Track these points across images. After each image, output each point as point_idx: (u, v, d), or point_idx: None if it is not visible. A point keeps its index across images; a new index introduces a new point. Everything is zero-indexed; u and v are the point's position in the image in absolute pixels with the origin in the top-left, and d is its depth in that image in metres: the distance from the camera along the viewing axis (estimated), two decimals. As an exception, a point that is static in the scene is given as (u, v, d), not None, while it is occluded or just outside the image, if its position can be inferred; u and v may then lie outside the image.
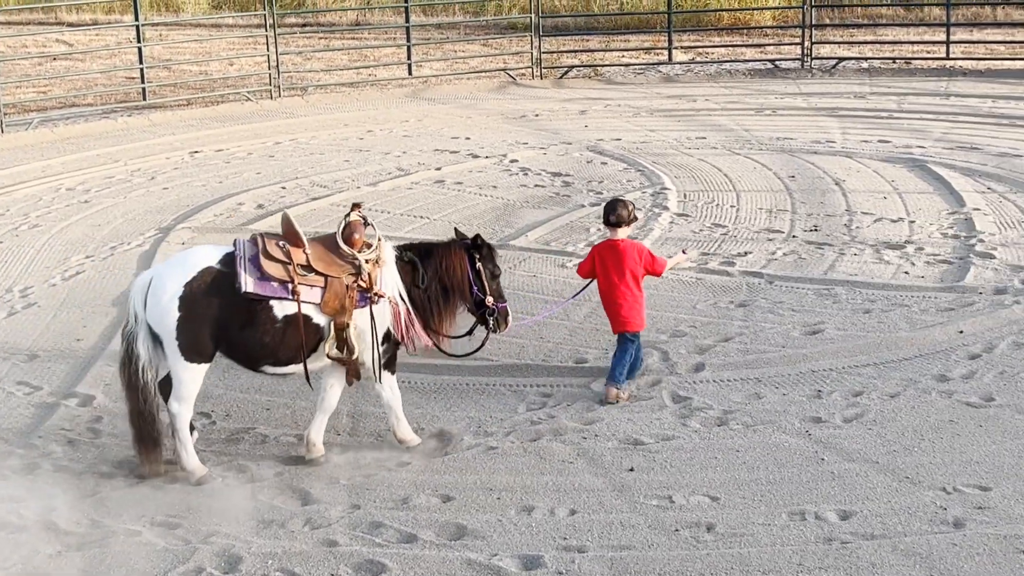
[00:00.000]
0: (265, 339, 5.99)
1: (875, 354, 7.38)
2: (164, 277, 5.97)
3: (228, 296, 5.91)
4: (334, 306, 6.05)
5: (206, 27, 27.98)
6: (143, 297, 5.96)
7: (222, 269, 5.97)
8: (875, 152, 12.90)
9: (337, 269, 6.08)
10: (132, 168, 13.62)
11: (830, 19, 23.21)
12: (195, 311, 5.88)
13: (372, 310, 6.12)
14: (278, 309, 5.99)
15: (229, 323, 5.94)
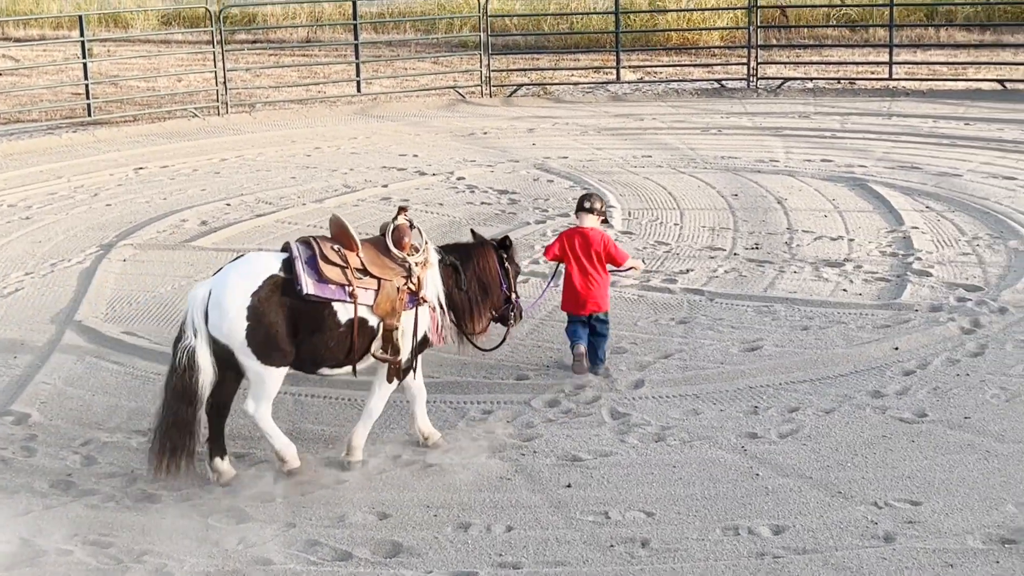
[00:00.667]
0: (329, 342, 6.14)
1: (811, 370, 7.47)
2: (228, 289, 6.02)
3: (294, 301, 6.03)
4: (386, 308, 6.21)
5: (155, 43, 27.83)
6: (203, 310, 6.01)
7: (285, 276, 6.07)
8: (817, 171, 13.06)
9: (389, 272, 6.26)
10: (75, 184, 13.50)
11: (776, 40, 23.49)
12: (265, 319, 5.98)
13: (417, 312, 6.31)
14: (340, 312, 6.13)
15: (297, 327, 6.06)
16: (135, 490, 6.13)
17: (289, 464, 6.23)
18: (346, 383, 7.42)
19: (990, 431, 6.53)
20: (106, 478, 6.28)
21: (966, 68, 20.41)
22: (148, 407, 7.14)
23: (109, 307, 9.10)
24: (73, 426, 6.95)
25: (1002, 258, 9.66)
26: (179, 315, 8.76)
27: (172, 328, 8.50)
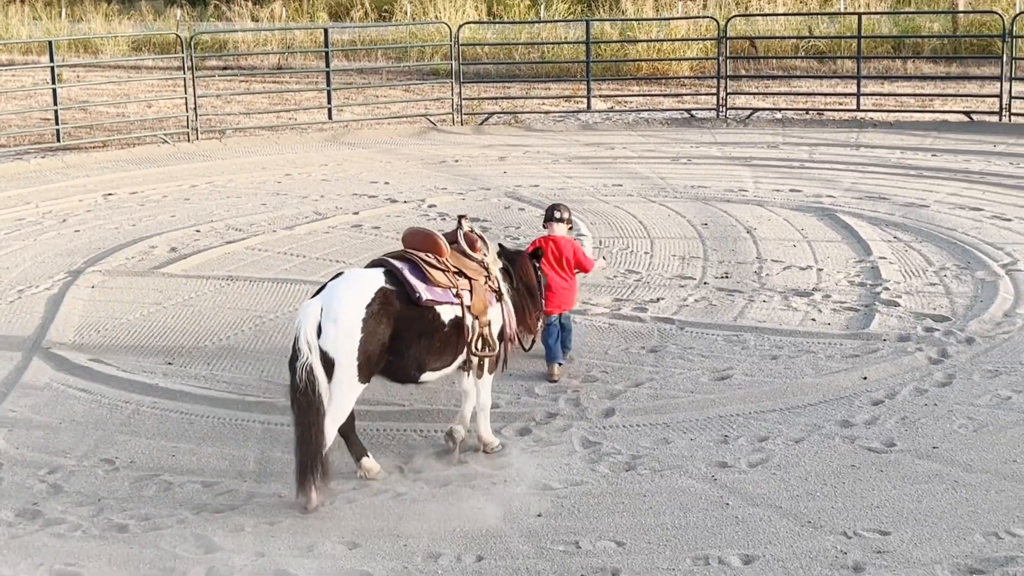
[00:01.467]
0: (437, 344, 6.43)
1: (781, 400, 7.50)
2: (343, 302, 6.16)
3: (405, 309, 6.28)
4: (480, 307, 6.61)
5: (125, 69, 27.76)
6: (316, 325, 6.09)
7: (393, 287, 6.31)
8: (786, 201, 13.15)
9: (475, 273, 6.67)
10: (44, 210, 13.42)
11: (745, 71, 23.70)
12: (375, 332, 6.17)
13: (501, 308, 6.78)
14: (445, 314, 6.45)
15: (405, 335, 6.28)
16: (102, 519, 6.07)
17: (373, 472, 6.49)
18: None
19: (958, 461, 6.57)
20: (73, 507, 6.22)
21: (933, 100, 20.66)
22: (115, 436, 7.10)
23: (77, 334, 9.03)
24: (40, 454, 6.88)
25: (969, 288, 9.76)
26: (147, 343, 8.75)
27: (141, 357, 8.48)
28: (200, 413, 7.46)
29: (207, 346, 8.72)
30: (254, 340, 8.84)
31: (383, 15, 35.04)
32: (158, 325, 9.23)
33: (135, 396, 7.74)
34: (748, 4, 29.53)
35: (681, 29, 25.54)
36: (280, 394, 7.68)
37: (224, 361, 8.41)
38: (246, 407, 7.54)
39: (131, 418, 7.39)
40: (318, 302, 6.21)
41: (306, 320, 6.12)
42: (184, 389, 7.83)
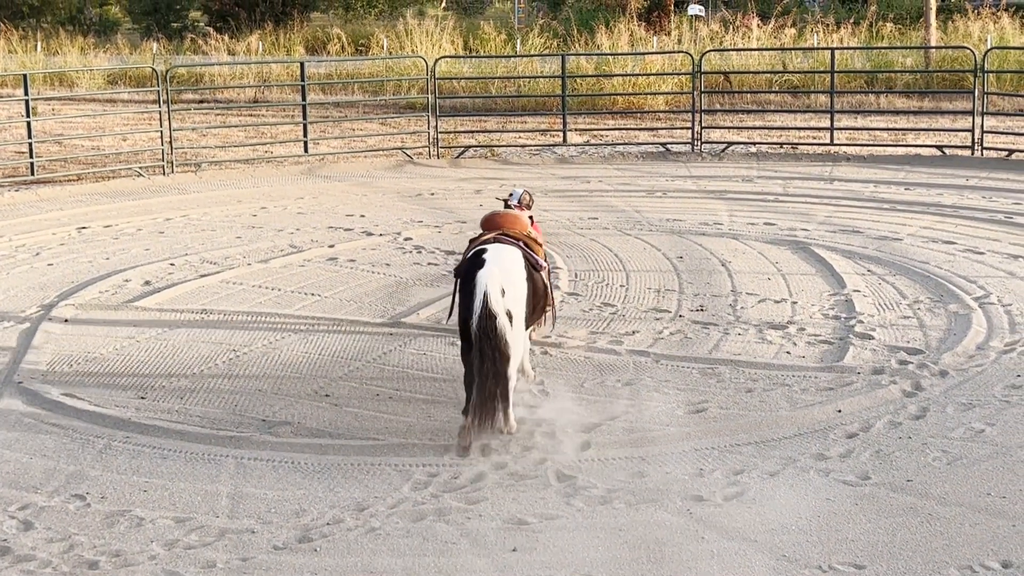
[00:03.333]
0: (537, 302, 7.78)
1: (756, 433, 7.51)
2: (511, 270, 7.39)
3: (532, 274, 7.66)
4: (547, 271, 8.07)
5: (100, 102, 27.71)
6: (499, 288, 7.17)
7: (525, 258, 7.64)
8: (761, 234, 13.22)
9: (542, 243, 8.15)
10: (16, 243, 13.34)
11: (720, 105, 23.87)
12: (528, 292, 7.53)
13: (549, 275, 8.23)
14: (543, 278, 7.90)
15: (532, 295, 7.62)
16: (72, 556, 6.00)
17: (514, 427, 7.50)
18: (289, 446, 7.36)
19: (932, 494, 6.59)
20: (44, 543, 6.15)
21: (906, 134, 20.85)
22: (87, 471, 7.03)
23: (49, 368, 8.96)
24: (10, 490, 6.81)
25: (942, 321, 9.81)
26: (120, 377, 8.69)
27: (114, 391, 8.41)
28: (173, 448, 7.41)
29: (180, 380, 8.66)
30: (228, 374, 8.79)
31: (359, 49, 35.16)
32: (131, 359, 9.17)
33: (107, 430, 7.68)
34: (722, 39, 29.80)
35: (656, 64, 25.73)
36: (254, 429, 7.64)
37: (197, 395, 8.36)
38: (219, 442, 7.49)
39: (103, 453, 7.32)
40: (493, 270, 7.23)
41: (492, 286, 7.15)
42: (157, 423, 7.77)
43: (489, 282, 7.14)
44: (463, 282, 7.35)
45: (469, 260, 7.49)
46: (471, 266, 7.37)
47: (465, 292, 7.27)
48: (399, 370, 8.84)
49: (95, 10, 55.06)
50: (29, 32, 42.87)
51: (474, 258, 7.44)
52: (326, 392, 8.39)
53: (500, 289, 7.14)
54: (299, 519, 6.43)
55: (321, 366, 8.96)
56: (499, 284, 7.15)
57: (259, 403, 8.18)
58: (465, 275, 7.37)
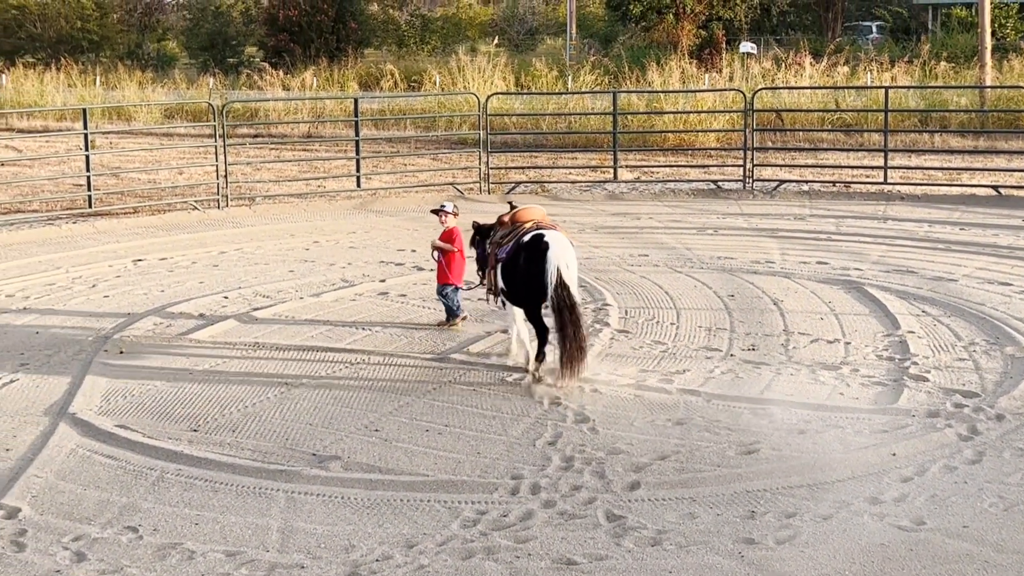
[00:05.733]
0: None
1: (809, 475, 7.42)
2: (572, 252, 9.10)
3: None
4: None
5: (157, 136, 28.16)
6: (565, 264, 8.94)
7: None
8: (813, 273, 13.13)
9: None
10: (74, 275, 13.55)
11: (772, 142, 23.80)
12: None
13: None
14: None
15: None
16: (124, 588, 6.04)
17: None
18: (339, 480, 7.38)
19: (988, 540, 6.47)
20: (96, 575, 6.20)
21: (960, 174, 20.66)
22: (140, 502, 7.09)
23: (103, 400, 9.06)
24: (64, 521, 6.88)
25: (998, 364, 9.67)
26: (174, 409, 8.77)
27: (167, 423, 8.48)
28: (224, 481, 7.45)
29: (232, 413, 8.73)
30: (279, 407, 8.84)
31: (412, 85, 35.49)
32: (184, 391, 9.25)
33: (160, 463, 7.75)
34: (774, 76, 29.75)
35: (708, 101, 25.75)
36: (304, 463, 7.67)
37: (249, 428, 8.41)
38: (270, 475, 7.52)
39: (156, 485, 7.38)
40: (563, 246, 9.02)
41: (568, 258, 8.97)
42: (209, 456, 7.83)
43: (560, 260, 8.91)
44: (532, 261, 9.05)
45: (531, 242, 9.16)
46: (536, 247, 9.05)
47: (535, 268, 8.99)
48: (449, 406, 8.85)
49: (153, 45, 56.05)
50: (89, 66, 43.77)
51: (536, 241, 9.11)
52: (376, 427, 8.41)
53: (566, 264, 8.92)
54: (348, 555, 6.43)
55: (371, 400, 8.99)
56: (565, 261, 8.94)
57: (310, 437, 8.21)
58: (533, 254, 9.06)
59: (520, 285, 9.34)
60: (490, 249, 9.85)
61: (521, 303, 9.52)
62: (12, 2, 53.62)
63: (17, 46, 52.14)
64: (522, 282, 9.29)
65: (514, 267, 9.36)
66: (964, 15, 45.87)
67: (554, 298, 8.88)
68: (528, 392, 9.06)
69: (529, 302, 9.34)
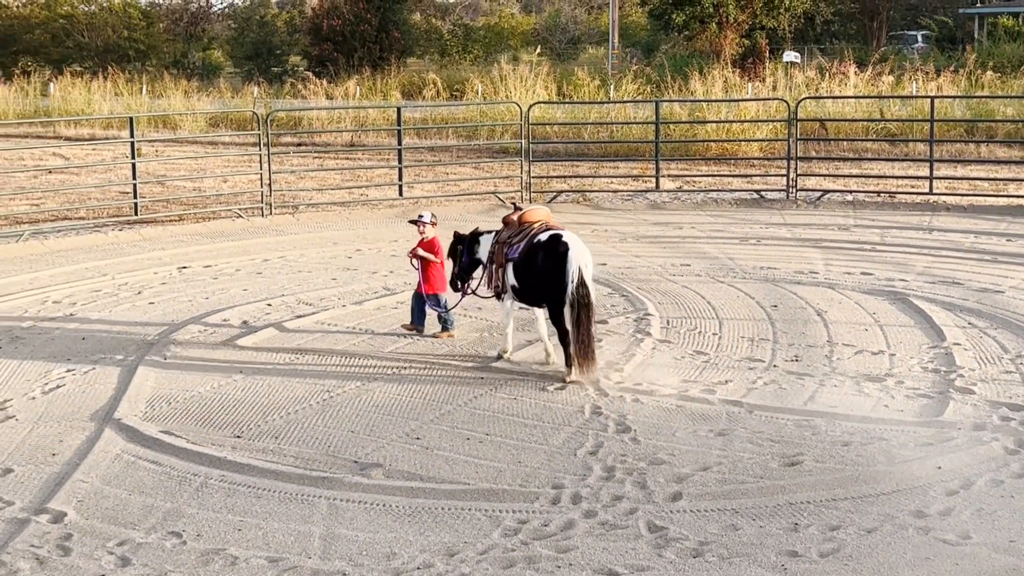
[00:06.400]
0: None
1: (853, 488, 7.36)
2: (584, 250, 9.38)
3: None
4: None
5: (202, 144, 28.41)
6: (585, 265, 9.26)
7: None
8: (857, 284, 13.03)
9: None
10: (120, 282, 13.69)
11: (816, 152, 23.65)
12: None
13: None
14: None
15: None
16: (167, 593, 6.09)
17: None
18: (381, 488, 7.40)
19: (1037, 555, 6.38)
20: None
21: (1007, 184, 20.44)
22: (184, 508, 7.14)
23: (148, 406, 9.15)
24: (109, 525, 6.94)
25: (1046, 376, 9.55)
26: (217, 416, 8.84)
27: (210, 429, 8.55)
28: (267, 487, 7.49)
29: (275, 420, 8.78)
30: (321, 415, 8.89)
31: (454, 94, 35.61)
32: (228, 398, 9.32)
33: (204, 468, 7.80)
34: (818, 86, 29.58)
35: (751, 110, 25.62)
36: (346, 470, 7.70)
37: (292, 435, 8.45)
38: (312, 482, 7.56)
39: (199, 491, 7.44)
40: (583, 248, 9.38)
41: (581, 264, 9.23)
42: (252, 463, 7.88)
43: (581, 261, 9.23)
44: (552, 260, 9.36)
45: (550, 242, 9.49)
46: (556, 246, 9.40)
47: (556, 267, 9.29)
48: (490, 414, 8.86)
49: (198, 54, 56.60)
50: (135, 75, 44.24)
51: (555, 241, 9.45)
52: (417, 435, 8.43)
53: (585, 264, 9.23)
54: (390, 562, 6.45)
55: (412, 408, 9.02)
56: (584, 261, 9.25)
57: (351, 444, 8.25)
58: (553, 253, 9.38)
59: (537, 283, 9.60)
60: (495, 249, 10.10)
61: (534, 301, 9.86)
62: (60, 11, 54.38)
63: (65, 55, 52.89)
64: (540, 280, 9.54)
65: (530, 266, 9.64)
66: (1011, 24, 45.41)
67: (574, 296, 9.20)
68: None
69: (546, 300, 9.61)
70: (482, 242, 10.54)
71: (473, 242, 10.61)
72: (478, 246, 10.55)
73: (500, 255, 10.05)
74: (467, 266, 10.66)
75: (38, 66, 50.68)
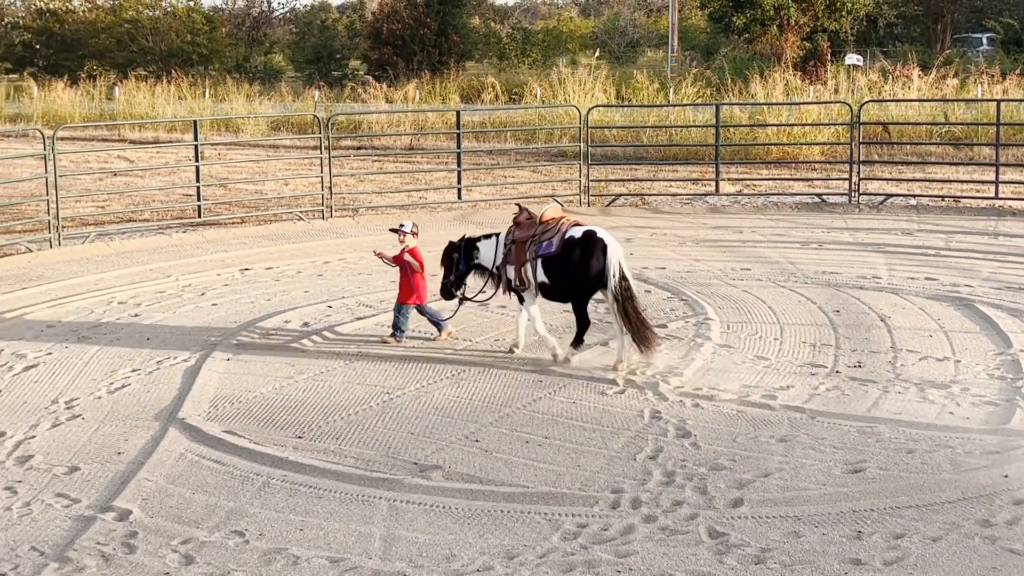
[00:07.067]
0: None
1: (918, 496, 7.26)
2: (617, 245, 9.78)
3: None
4: None
5: (264, 147, 28.69)
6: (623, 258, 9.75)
7: None
8: (921, 289, 12.86)
9: None
10: (183, 283, 13.86)
11: (879, 155, 23.38)
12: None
13: None
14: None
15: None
16: (230, 591, 6.15)
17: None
18: (440, 490, 7.42)
19: (1107, 567, 6.26)
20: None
21: (1075, 188, 20.06)
22: (246, 507, 7.21)
23: (211, 406, 9.25)
24: (173, 524, 7.03)
25: (1117, 385, 9.35)
26: (279, 416, 8.92)
27: (272, 430, 8.62)
28: (328, 488, 7.55)
29: (336, 421, 8.84)
30: (381, 416, 8.93)
31: (513, 98, 35.66)
32: (289, 399, 9.40)
33: (266, 468, 7.87)
34: (881, 89, 29.26)
35: (812, 113, 25.40)
36: (406, 472, 7.73)
37: (352, 436, 8.51)
38: (372, 483, 7.60)
39: (261, 490, 7.50)
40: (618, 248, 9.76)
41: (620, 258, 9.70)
42: (313, 463, 7.94)
43: (620, 256, 9.71)
44: (592, 254, 9.68)
45: (586, 237, 9.79)
46: (594, 242, 9.72)
47: (597, 262, 9.66)
48: (548, 417, 8.85)
49: (260, 58, 57.19)
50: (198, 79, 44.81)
51: (592, 236, 9.78)
52: (476, 437, 8.45)
53: (622, 258, 9.72)
54: (449, 564, 6.47)
55: (472, 411, 9.04)
56: (620, 256, 9.71)
57: (411, 446, 8.28)
58: (591, 248, 9.71)
59: (576, 277, 9.88)
60: (512, 248, 10.25)
61: (564, 296, 10.13)
62: (126, 16, 55.21)
63: (130, 59, 53.67)
64: (578, 274, 9.84)
65: (568, 261, 9.88)
66: (1079, 25, 44.59)
67: (617, 289, 9.62)
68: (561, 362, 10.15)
69: (578, 295, 9.97)
70: (482, 247, 10.61)
71: (470, 248, 10.65)
72: (477, 252, 10.62)
73: (521, 253, 10.13)
74: (463, 273, 10.73)
75: (103, 70, 51.50)
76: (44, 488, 7.59)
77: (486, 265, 10.57)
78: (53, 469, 7.93)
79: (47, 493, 7.51)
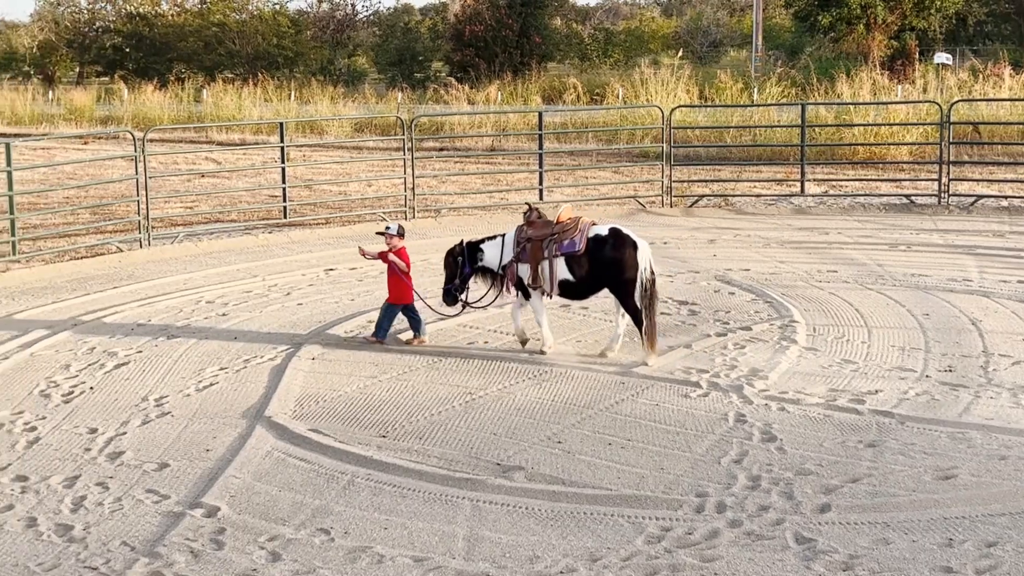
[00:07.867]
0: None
1: (1011, 503, 7.09)
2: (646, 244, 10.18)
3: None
4: None
5: (348, 149, 28.97)
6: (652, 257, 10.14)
7: None
8: (1014, 292, 12.57)
9: None
10: (269, 283, 14.04)
11: (969, 156, 22.91)
12: None
13: None
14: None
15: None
16: (316, 588, 6.20)
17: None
18: (523, 491, 7.42)
19: None
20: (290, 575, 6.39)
21: None
22: (332, 505, 7.28)
23: (297, 404, 9.35)
24: (260, 521, 7.12)
25: None
26: (363, 415, 9.00)
27: (357, 429, 8.70)
28: (412, 487, 7.59)
29: (419, 421, 8.89)
30: (464, 416, 8.96)
31: (595, 99, 35.58)
32: (373, 398, 9.48)
33: (351, 467, 7.94)
34: (971, 88, 28.69)
35: (900, 113, 24.98)
36: (489, 472, 7.75)
37: (435, 436, 8.54)
38: (456, 483, 7.62)
39: (347, 489, 7.57)
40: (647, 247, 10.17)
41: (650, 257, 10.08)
42: (397, 462, 7.99)
43: (649, 255, 10.11)
44: (623, 250, 10.04)
45: (613, 235, 10.15)
46: (622, 240, 10.09)
47: (628, 256, 10.01)
48: (631, 419, 8.81)
49: (344, 61, 57.81)
50: (284, 82, 45.40)
51: (619, 234, 10.16)
52: (559, 438, 8.43)
53: (651, 255, 10.13)
54: (533, 565, 6.46)
55: (554, 412, 9.02)
56: (648, 253, 10.11)
57: (494, 446, 8.29)
58: (620, 246, 10.05)
59: (606, 274, 10.16)
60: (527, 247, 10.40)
61: (583, 294, 10.46)
62: (213, 20, 56.16)
63: (217, 62, 54.59)
64: (609, 271, 10.13)
65: (597, 258, 10.16)
66: None
67: (646, 285, 9.99)
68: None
69: (623, 289, 10.13)
70: (486, 249, 10.73)
71: (474, 251, 10.77)
72: (481, 254, 10.73)
73: (538, 252, 10.31)
74: (467, 276, 10.83)
75: (191, 73, 52.44)
76: (135, 484, 7.74)
77: (491, 267, 10.70)
78: (143, 465, 8.08)
79: (137, 489, 7.65)
